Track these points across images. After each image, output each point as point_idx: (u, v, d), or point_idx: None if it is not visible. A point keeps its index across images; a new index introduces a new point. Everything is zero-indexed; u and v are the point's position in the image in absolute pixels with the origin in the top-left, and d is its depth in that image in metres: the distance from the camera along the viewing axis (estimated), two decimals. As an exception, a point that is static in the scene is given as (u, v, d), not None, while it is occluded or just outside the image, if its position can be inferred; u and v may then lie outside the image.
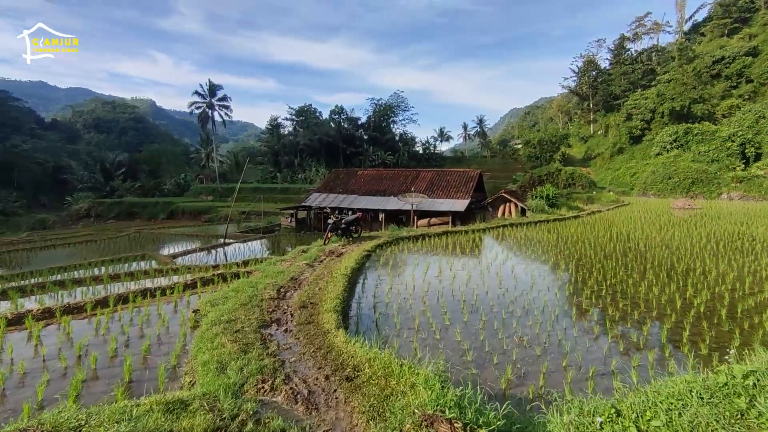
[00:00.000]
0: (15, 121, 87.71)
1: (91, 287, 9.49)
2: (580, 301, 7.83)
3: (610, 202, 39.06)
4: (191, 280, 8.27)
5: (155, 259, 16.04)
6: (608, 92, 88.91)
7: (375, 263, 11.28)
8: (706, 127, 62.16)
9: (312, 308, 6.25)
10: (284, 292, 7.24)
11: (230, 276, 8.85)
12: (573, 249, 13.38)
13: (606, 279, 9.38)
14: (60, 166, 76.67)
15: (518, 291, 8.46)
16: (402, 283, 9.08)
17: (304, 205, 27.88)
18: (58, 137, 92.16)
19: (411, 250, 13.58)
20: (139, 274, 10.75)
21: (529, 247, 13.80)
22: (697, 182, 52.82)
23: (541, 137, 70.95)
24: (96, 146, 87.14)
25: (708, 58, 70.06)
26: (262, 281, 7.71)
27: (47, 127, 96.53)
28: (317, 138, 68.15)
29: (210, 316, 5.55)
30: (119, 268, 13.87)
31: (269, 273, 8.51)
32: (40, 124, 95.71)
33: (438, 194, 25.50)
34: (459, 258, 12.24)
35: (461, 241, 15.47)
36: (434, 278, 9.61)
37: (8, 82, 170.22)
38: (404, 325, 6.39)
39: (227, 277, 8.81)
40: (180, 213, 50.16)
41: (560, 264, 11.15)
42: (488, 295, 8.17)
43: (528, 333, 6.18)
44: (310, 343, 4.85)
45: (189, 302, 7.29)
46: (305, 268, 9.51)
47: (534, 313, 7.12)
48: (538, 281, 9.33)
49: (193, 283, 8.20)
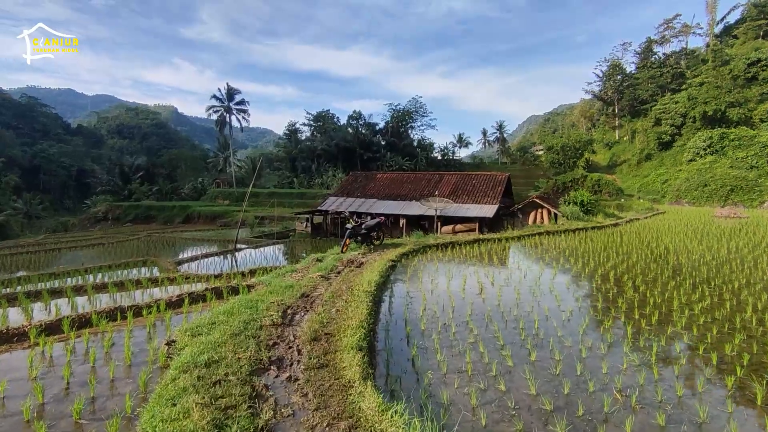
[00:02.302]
0: (43, 126, 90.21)
1: (70, 299, 8.10)
2: (676, 332, 5.99)
3: (644, 210, 36.52)
4: (177, 297, 6.72)
5: (158, 265, 14.73)
6: (634, 97, 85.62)
7: (402, 275, 9.60)
8: (744, 131, 58.68)
9: (327, 341, 4.63)
10: (292, 315, 5.64)
11: (227, 292, 7.26)
12: (631, 262, 11.44)
13: (688, 303, 7.49)
14: (84, 170, 78.01)
15: (586, 318, 6.65)
16: (437, 301, 7.38)
17: (320, 210, 26.43)
18: (83, 142, 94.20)
19: (441, 259, 11.85)
20: (130, 285, 9.33)
21: (577, 259, 11.91)
22: (736, 190, 49.50)
23: (565, 143, 68.36)
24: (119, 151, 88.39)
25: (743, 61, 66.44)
26: (264, 299, 6.12)
27: (73, 132, 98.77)
28: (335, 143, 67.14)
29: (184, 354, 3.96)
30: (116, 275, 12.57)
31: (275, 288, 6.92)
32: (66, 129, 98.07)
33: (463, 199, 23.69)
34: (498, 270, 10.46)
35: (496, 251, 13.66)
36: (475, 296, 7.87)
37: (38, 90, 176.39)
38: (452, 367, 4.69)
39: (223, 292, 7.22)
40: (196, 217, 50.08)
41: (626, 282, 9.26)
42: (550, 322, 6.39)
43: (628, 384, 4.41)
44: (325, 405, 3.21)
45: (170, 327, 5.71)
46: (319, 281, 7.91)
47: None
48: (604, 305, 7.51)
49: (180, 300, 6.65)
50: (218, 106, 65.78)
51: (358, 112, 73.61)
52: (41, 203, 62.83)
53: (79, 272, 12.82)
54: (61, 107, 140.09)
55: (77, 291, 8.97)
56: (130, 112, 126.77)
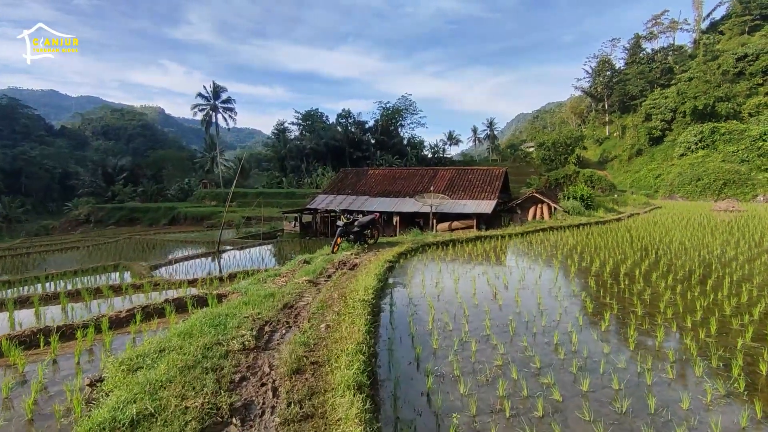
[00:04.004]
0: (24, 128, 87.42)
1: (10, 314, 6.76)
2: (746, 345, 4.92)
3: (641, 205, 35.95)
4: (128, 311, 5.43)
5: (131, 269, 13.35)
6: (624, 92, 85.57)
7: (402, 278, 8.41)
8: (734, 125, 58.74)
9: (314, 374, 3.44)
10: (269, 334, 4.42)
11: (191, 303, 5.96)
12: (651, 259, 10.43)
13: (740, 307, 6.46)
14: (68, 173, 75.57)
15: (630, 329, 5.54)
16: (447, 310, 6.21)
17: (309, 208, 25.12)
18: (66, 144, 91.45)
19: (443, 259, 10.69)
20: (87, 294, 7.99)
21: (592, 256, 10.86)
22: (729, 184, 49.30)
23: (556, 139, 67.83)
24: (104, 153, 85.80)
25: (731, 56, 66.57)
26: (237, 312, 4.88)
27: (56, 134, 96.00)
28: (324, 142, 65.77)
29: (104, 407, 2.74)
30: (81, 282, 11.20)
31: (252, 297, 5.68)
32: (49, 131, 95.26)
33: (459, 195, 22.60)
34: (508, 270, 9.33)
35: (501, 248, 12.56)
36: (490, 301, 6.72)
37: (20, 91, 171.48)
38: (482, 404, 3.51)
39: (187, 304, 5.92)
40: (182, 218, 48.81)
41: (656, 282, 8.21)
42: (588, 333, 5.26)
43: (729, 426, 3.29)
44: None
45: (107, 355, 4.37)
46: (306, 287, 6.69)
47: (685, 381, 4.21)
48: (643, 310, 6.42)
49: (130, 315, 5.34)
50: (204, 105, 63.92)
51: (348, 111, 72.24)
52: (22, 206, 60.43)
53: (39, 279, 11.41)
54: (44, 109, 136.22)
55: (22, 303, 7.64)
56: (116, 113, 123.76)
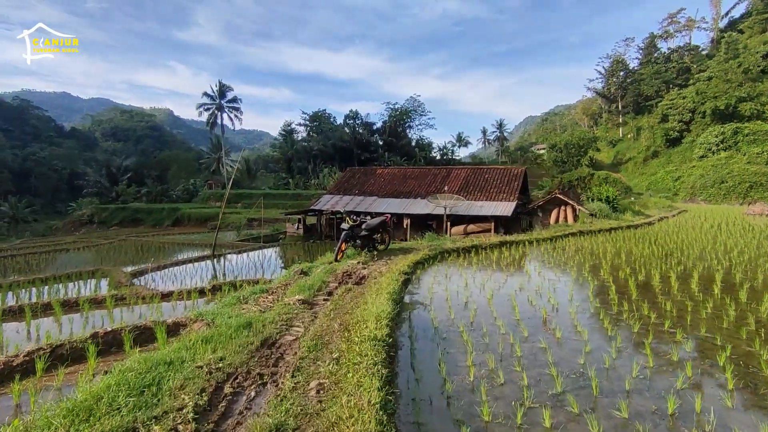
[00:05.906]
0: (34, 129, 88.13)
1: None
2: None
3: (666, 208, 33.85)
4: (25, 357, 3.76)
5: (110, 276, 11.89)
6: (638, 93, 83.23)
7: (422, 297, 6.74)
8: (758, 126, 56.24)
9: None
10: (227, 403, 2.79)
11: (130, 339, 4.30)
12: (709, 267, 8.67)
13: None
14: (76, 173, 75.63)
15: (744, 380, 3.86)
16: (488, 346, 4.55)
17: (313, 209, 23.57)
18: (76, 145, 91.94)
19: (467, 269, 9.01)
20: (39, 310, 6.50)
21: (649, 267, 9.12)
22: (755, 186, 46.81)
23: (568, 140, 65.82)
24: (112, 154, 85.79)
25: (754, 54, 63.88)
26: (188, 359, 3.28)
27: (66, 135, 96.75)
28: (331, 143, 64.52)
29: None
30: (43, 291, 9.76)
31: (220, 329, 4.09)
32: (58, 132, 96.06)
33: (476, 196, 20.90)
34: (550, 285, 7.61)
35: (533, 257, 10.87)
36: (542, 331, 5.05)
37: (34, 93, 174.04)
38: None
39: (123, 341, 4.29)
40: (186, 219, 48.04)
41: (747, 303, 6.48)
42: (709, 387, 3.62)
43: None
44: None
45: None
46: (299, 310, 5.09)
47: None
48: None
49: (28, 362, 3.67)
50: (209, 104, 63.07)
51: (355, 112, 71.09)
52: (30, 206, 59.96)
53: (6, 287, 9.97)
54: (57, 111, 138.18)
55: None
56: (125, 114, 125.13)
